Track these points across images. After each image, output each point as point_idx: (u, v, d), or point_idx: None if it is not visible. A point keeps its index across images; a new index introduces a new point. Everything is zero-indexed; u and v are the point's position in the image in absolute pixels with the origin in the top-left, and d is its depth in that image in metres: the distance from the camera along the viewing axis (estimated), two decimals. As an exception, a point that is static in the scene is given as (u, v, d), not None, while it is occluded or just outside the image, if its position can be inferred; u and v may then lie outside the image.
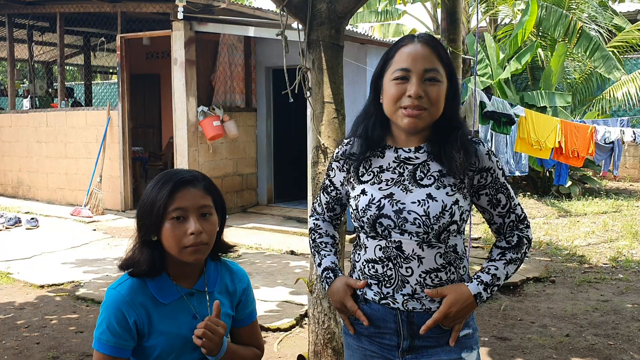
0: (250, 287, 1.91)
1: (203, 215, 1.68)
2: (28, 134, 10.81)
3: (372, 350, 1.84)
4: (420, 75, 1.71)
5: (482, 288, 1.74)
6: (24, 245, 7.37)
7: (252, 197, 9.97)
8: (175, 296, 1.73)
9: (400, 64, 1.73)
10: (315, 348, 3.49)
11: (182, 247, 1.65)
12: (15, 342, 4.31)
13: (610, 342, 4.29)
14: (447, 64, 1.76)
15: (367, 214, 1.76)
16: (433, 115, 1.74)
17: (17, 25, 11.49)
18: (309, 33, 3.39)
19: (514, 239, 1.81)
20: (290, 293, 5.35)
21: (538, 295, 5.42)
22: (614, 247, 7.25)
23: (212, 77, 9.41)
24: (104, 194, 9.43)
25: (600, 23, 11.92)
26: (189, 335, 1.72)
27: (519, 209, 1.83)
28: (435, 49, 1.74)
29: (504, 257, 1.79)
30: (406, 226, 1.71)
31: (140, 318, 1.67)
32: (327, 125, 3.43)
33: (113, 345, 1.66)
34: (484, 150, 1.78)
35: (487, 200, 1.80)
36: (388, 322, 1.78)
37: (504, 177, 1.80)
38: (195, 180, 1.69)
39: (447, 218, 1.70)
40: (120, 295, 1.68)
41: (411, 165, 1.78)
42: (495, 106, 6.07)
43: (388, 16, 13.26)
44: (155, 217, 1.64)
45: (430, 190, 1.73)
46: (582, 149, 7.88)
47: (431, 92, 1.71)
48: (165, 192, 1.64)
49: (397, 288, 1.75)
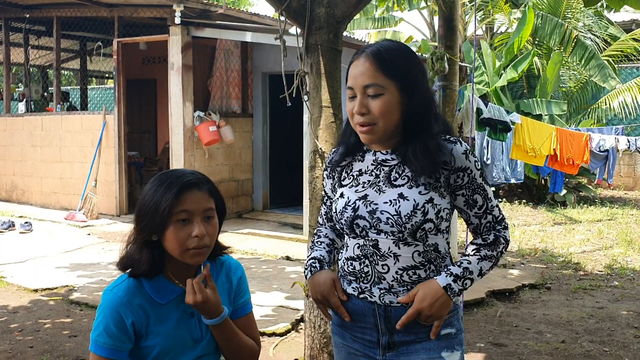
0: (245, 276, 1.91)
1: (206, 218, 1.68)
2: (23, 138, 10.77)
3: (355, 348, 1.86)
4: (362, 92, 1.73)
5: (452, 280, 1.73)
6: (18, 249, 7.33)
7: (247, 202, 9.96)
8: (172, 296, 1.72)
9: (348, 82, 1.77)
10: (311, 352, 3.47)
11: (185, 249, 1.65)
12: (9, 346, 4.27)
13: (606, 348, 4.29)
14: (393, 74, 1.71)
15: (344, 215, 1.80)
16: (385, 127, 1.73)
17: (13, 29, 11.47)
18: (308, 37, 3.39)
19: (490, 237, 1.81)
20: (286, 298, 5.33)
21: (534, 302, 5.42)
22: (609, 254, 7.26)
23: (208, 82, 9.41)
24: (98, 198, 9.40)
25: (595, 32, 11.99)
26: (186, 335, 1.72)
27: (496, 210, 1.82)
28: (376, 62, 1.71)
29: (478, 253, 1.79)
30: (380, 226, 1.74)
31: (138, 319, 1.66)
32: (324, 129, 3.43)
33: (110, 348, 1.65)
34: (461, 150, 1.75)
35: (464, 201, 1.79)
36: (367, 316, 1.81)
37: (482, 177, 1.79)
38: (200, 183, 1.70)
39: (420, 217, 1.71)
40: (117, 297, 1.67)
41: (387, 167, 1.80)
42: (492, 113, 6.09)
43: (385, 23, 13.30)
44: (159, 219, 1.63)
45: (402, 190, 1.74)
46: (577, 157, 7.91)
47: (374, 107, 1.72)
48: (172, 194, 1.63)
49: (374, 283, 1.78)
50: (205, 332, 1.76)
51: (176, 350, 1.71)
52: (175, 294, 1.73)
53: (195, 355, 1.74)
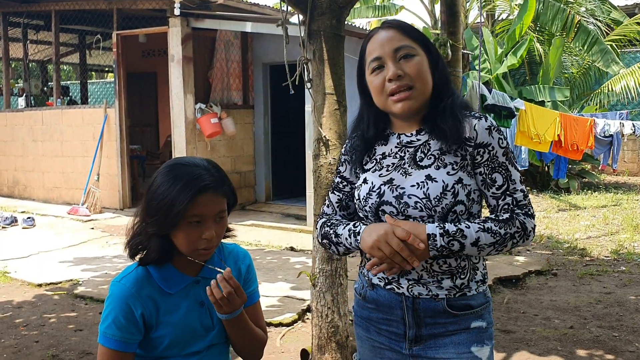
0: (253, 265, 1.87)
1: (218, 219, 1.65)
2: (23, 133, 10.73)
3: (380, 341, 1.79)
4: (393, 57, 1.68)
5: (439, 232, 1.58)
6: (21, 245, 7.31)
7: (250, 194, 9.92)
8: (181, 285, 1.69)
9: (372, 55, 1.71)
10: (319, 342, 3.45)
11: (194, 249, 1.63)
12: (14, 341, 4.25)
13: (615, 333, 4.26)
14: (417, 37, 1.71)
15: (368, 202, 1.71)
16: (423, 91, 1.68)
17: (11, 23, 11.41)
18: (310, 23, 3.34)
19: (505, 216, 1.64)
20: (291, 288, 5.31)
21: (540, 288, 5.39)
22: (615, 239, 7.23)
23: (209, 74, 9.36)
24: (101, 192, 9.37)
25: (598, 17, 11.89)
26: (196, 324, 1.69)
27: (519, 194, 1.67)
28: (400, 28, 1.71)
29: (482, 224, 1.62)
30: (408, 211, 1.65)
31: (147, 310, 1.63)
32: (328, 117, 3.38)
33: (119, 340, 1.61)
34: (485, 125, 1.68)
35: (481, 180, 1.68)
36: (394, 308, 1.73)
37: (505, 156, 1.68)
38: (217, 185, 1.63)
39: (450, 198, 1.62)
40: (126, 288, 1.63)
41: (412, 148, 1.73)
42: (496, 99, 6.04)
43: (385, 11, 13.19)
44: (172, 218, 1.58)
45: (429, 171, 1.66)
46: (582, 142, 7.87)
47: (409, 68, 1.66)
48: (188, 197, 1.57)
49: (402, 273, 1.69)
50: (216, 320, 1.72)
51: (187, 340, 1.68)
52: (184, 283, 1.70)
53: (205, 344, 1.71)
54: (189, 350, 1.69)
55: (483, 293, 1.73)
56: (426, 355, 1.72)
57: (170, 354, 1.68)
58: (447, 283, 1.68)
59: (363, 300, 1.82)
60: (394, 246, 1.59)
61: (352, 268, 3.05)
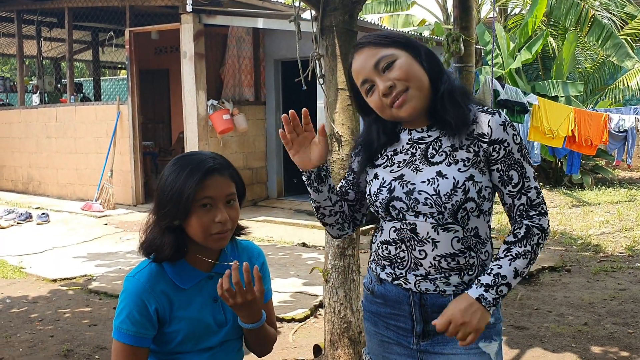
0: (267, 264, 1.87)
1: (228, 202, 1.66)
2: (37, 130, 10.81)
3: (388, 336, 1.79)
4: (377, 73, 1.67)
5: (483, 290, 1.61)
6: (36, 240, 7.38)
7: (262, 190, 9.94)
8: (195, 280, 1.70)
9: (359, 79, 1.71)
10: (331, 337, 3.45)
11: (208, 234, 1.63)
12: (30, 335, 4.30)
13: (630, 330, 4.23)
14: (389, 42, 1.68)
15: (379, 198, 1.72)
16: (419, 87, 1.66)
17: (25, 21, 11.48)
18: (322, 19, 3.33)
19: (522, 231, 1.66)
20: (304, 284, 5.32)
21: (554, 285, 5.36)
22: (629, 236, 7.17)
23: (221, 71, 9.37)
24: (114, 188, 9.43)
25: (612, 11, 11.78)
26: (210, 320, 1.69)
27: (533, 192, 1.68)
28: (369, 43, 1.69)
29: (509, 253, 1.65)
30: (419, 207, 1.65)
31: (161, 305, 1.64)
32: (340, 112, 3.38)
33: (133, 335, 1.62)
34: (499, 121, 1.66)
35: (498, 177, 1.67)
36: (402, 303, 1.73)
37: (520, 153, 1.67)
38: (223, 168, 1.66)
39: (460, 195, 1.62)
40: (140, 283, 1.64)
41: (424, 144, 1.73)
42: (509, 94, 6.00)
43: (397, 7, 13.15)
44: (183, 205, 1.60)
45: (440, 167, 1.66)
46: (596, 138, 7.81)
47: (395, 73, 1.65)
48: (195, 180, 1.60)
49: (410, 269, 1.70)
50: (229, 316, 1.73)
51: (200, 335, 1.69)
52: (198, 278, 1.70)
53: (219, 340, 1.72)
54: (203, 346, 1.70)
55: None
56: (434, 351, 1.73)
57: (183, 349, 1.68)
58: (454, 279, 1.68)
59: (371, 295, 1.83)
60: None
61: (365, 264, 3.05)
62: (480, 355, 1.69)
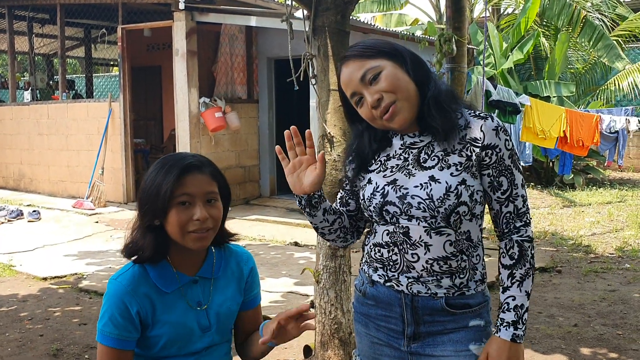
0: (256, 269, 1.87)
1: (209, 201, 1.64)
2: (29, 127, 10.75)
3: (379, 337, 1.80)
4: (364, 85, 1.68)
5: (513, 329, 1.67)
6: (26, 238, 7.34)
7: (254, 189, 9.93)
8: (178, 284, 1.68)
9: (348, 92, 1.72)
10: (322, 338, 3.45)
11: (186, 232, 1.61)
12: (19, 334, 4.28)
13: (619, 331, 4.25)
14: (373, 53, 1.69)
15: (372, 202, 1.73)
16: (407, 96, 1.67)
17: (17, 17, 11.41)
18: (315, 19, 3.33)
19: (516, 250, 1.71)
20: (295, 284, 5.31)
21: (544, 285, 5.38)
22: (619, 236, 7.21)
23: (213, 68, 9.35)
24: (106, 186, 9.39)
25: (604, 12, 11.83)
26: (193, 324, 1.68)
27: (520, 201, 1.71)
28: (355, 56, 1.70)
29: (514, 279, 1.70)
30: (412, 211, 1.67)
31: (143, 308, 1.63)
32: (333, 113, 3.37)
33: (116, 337, 1.62)
34: (491, 125, 1.68)
35: (489, 182, 1.69)
36: (393, 305, 1.74)
37: (511, 159, 1.69)
38: (202, 165, 1.65)
39: (453, 199, 1.64)
40: (122, 286, 1.63)
41: (416, 149, 1.74)
42: (501, 95, 6.02)
43: (390, 6, 13.15)
44: (161, 202, 1.59)
45: (433, 172, 1.67)
46: (587, 138, 7.84)
47: (381, 85, 1.66)
48: (172, 176, 1.59)
49: (402, 272, 1.71)
50: (213, 321, 1.72)
51: (184, 340, 1.68)
52: (182, 282, 1.69)
53: (203, 345, 1.71)
54: (188, 350, 1.69)
55: (482, 292, 1.75)
56: (424, 353, 1.74)
57: (168, 354, 1.68)
58: (446, 282, 1.69)
59: (363, 297, 1.83)
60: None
61: (356, 264, 3.04)
62: (470, 357, 1.71)
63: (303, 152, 1.75)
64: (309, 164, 1.75)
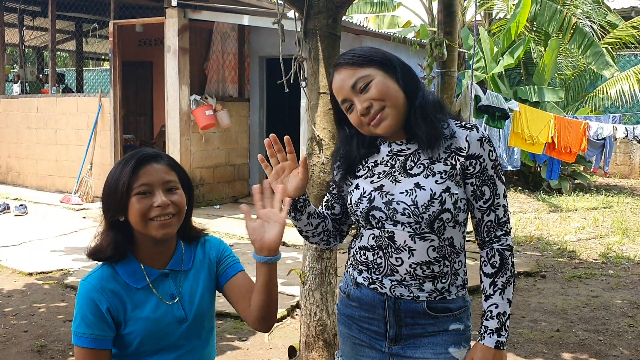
0: (225, 245, 1.86)
1: (169, 190, 1.65)
2: (18, 120, 10.69)
3: (361, 339, 1.84)
4: (354, 93, 1.72)
5: (497, 336, 1.73)
6: (13, 232, 7.30)
7: (243, 187, 9.93)
8: (148, 280, 1.69)
9: (339, 98, 1.76)
10: (306, 339, 3.47)
11: (147, 219, 1.62)
12: (3, 330, 4.26)
13: (600, 337, 4.31)
14: (365, 62, 1.73)
15: (359, 207, 1.77)
16: (395, 104, 1.71)
17: (7, 9, 11.34)
18: (306, 22, 3.35)
19: (497, 259, 1.76)
20: (282, 284, 5.32)
21: (529, 290, 5.44)
22: (604, 242, 7.28)
23: (205, 66, 9.33)
24: (94, 181, 9.36)
25: (594, 19, 11.92)
26: (169, 317, 1.68)
27: (501, 210, 1.76)
28: (347, 64, 1.74)
29: (496, 287, 1.76)
30: (397, 217, 1.71)
31: (113, 305, 1.63)
32: (322, 116, 3.39)
33: (90, 337, 1.61)
34: (476, 136, 1.74)
35: (472, 191, 1.75)
36: (376, 307, 1.79)
37: (494, 170, 1.75)
38: (158, 156, 1.68)
39: (437, 206, 1.68)
40: (90, 285, 1.64)
41: (402, 157, 1.78)
42: (490, 100, 6.07)
43: (383, 7, 13.20)
44: (120, 196, 1.61)
45: (418, 179, 1.72)
46: (575, 145, 7.91)
47: (371, 94, 1.70)
48: (129, 169, 1.62)
49: (386, 275, 1.75)
50: (188, 309, 1.72)
51: (160, 335, 1.67)
52: (151, 277, 1.69)
53: (182, 338, 1.70)
54: (164, 344, 1.69)
55: (462, 297, 1.81)
56: (405, 355, 1.78)
57: (145, 351, 1.68)
58: (428, 286, 1.74)
59: (347, 299, 1.87)
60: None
61: (342, 266, 3.07)
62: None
63: (284, 158, 1.81)
64: (292, 169, 1.81)
